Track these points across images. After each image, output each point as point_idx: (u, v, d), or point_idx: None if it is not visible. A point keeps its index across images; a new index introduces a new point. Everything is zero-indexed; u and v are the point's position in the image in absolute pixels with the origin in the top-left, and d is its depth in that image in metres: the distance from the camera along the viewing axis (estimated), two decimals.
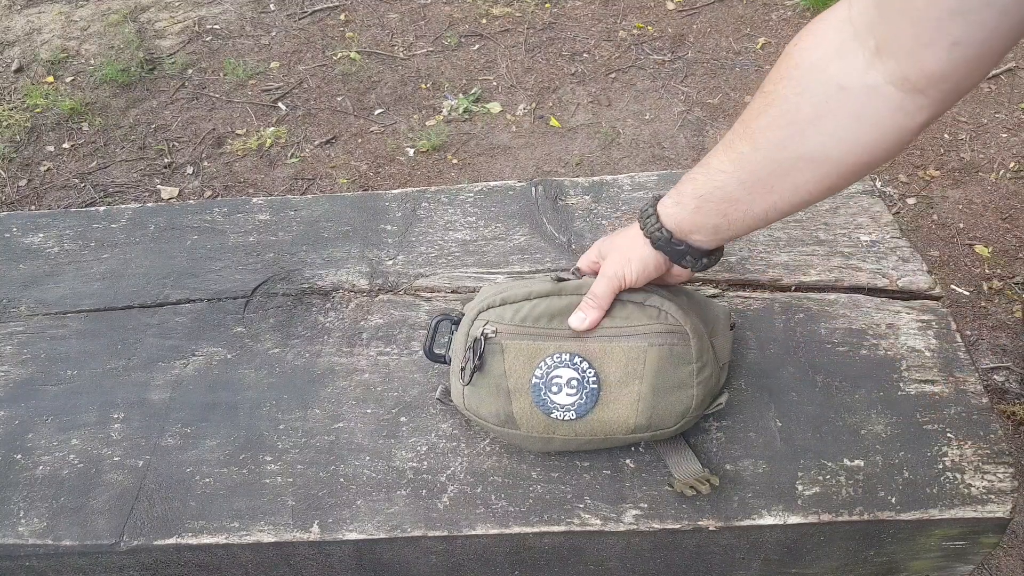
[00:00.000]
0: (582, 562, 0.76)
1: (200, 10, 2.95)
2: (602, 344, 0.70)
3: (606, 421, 0.71)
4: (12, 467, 0.79)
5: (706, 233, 0.67)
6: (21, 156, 2.39)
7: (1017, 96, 2.30)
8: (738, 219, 0.64)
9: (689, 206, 0.66)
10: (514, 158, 2.28)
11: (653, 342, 0.70)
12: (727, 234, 0.67)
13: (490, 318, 0.72)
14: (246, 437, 0.80)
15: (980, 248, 1.91)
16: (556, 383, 0.70)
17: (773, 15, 2.72)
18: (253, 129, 2.43)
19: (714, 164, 0.63)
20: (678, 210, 0.67)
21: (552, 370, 0.70)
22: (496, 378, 0.71)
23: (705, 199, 0.64)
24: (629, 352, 0.70)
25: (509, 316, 0.71)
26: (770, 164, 0.59)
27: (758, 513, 0.72)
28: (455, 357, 0.74)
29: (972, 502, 0.71)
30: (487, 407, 0.72)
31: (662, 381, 0.70)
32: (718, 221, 0.65)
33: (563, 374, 0.70)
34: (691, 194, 0.66)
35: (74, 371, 0.87)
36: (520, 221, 0.99)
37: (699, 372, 0.71)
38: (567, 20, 2.77)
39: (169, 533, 0.73)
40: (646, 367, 0.70)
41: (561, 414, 0.70)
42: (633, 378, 0.70)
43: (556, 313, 0.71)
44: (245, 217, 1.03)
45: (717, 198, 0.63)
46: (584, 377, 0.70)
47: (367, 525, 0.73)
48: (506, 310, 0.72)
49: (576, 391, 0.70)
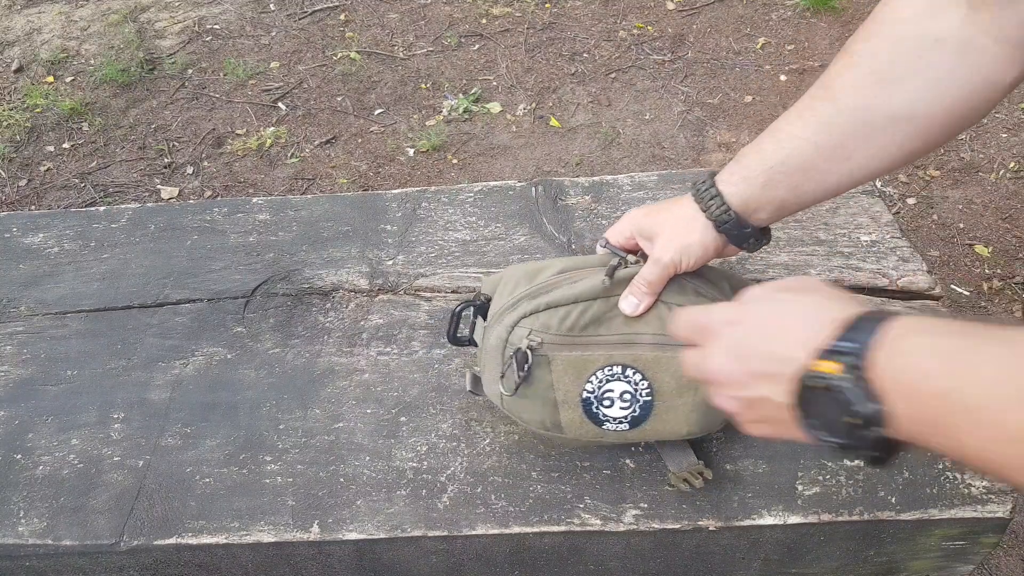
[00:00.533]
0: (582, 562, 0.76)
1: (200, 10, 2.95)
2: (655, 353, 0.66)
3: (659, 430, 0.69)
4: (12, 467, 0.79)
5: (770, 211, 0.62)
6: (21, 156, 2.39)
7: (1017, 96, 2.30)
8: (808, 192, 0.59)
9: (757, 181, 0.60)
10: (514, 158, 2.28)
11: None
12: (790, 210, 0.62)
13: (534, 327, 0.66)
14: (246, 437, 0.80)
15: (980, 248, 1.91)
16: (608, 397, 0.67)
17: (773, 15, 2.72)
18: (253, 129, 2.43)
19: (786, 130, 0.59)
20: (745, 187, 0.61)
21: (604, 384, 0.67)
22: (542, 390, 0.68)
23: (775, 171, 0.59)
24: None
25: (555, 325, 0.66)
26: (853, 126, 0.55)
27: (758, 513, 0.72)
28: (487, 357, 0.69)
29: (972, 502, 0.71)
30: (531, 414, 0.70)
31: None
32: (785, 196, 0.60)
33: (615, 388, 0.67)
34: (759, 167, 0.60)
35: (74, 371, 0.87)
36: (520, 221, 0.99)
37: None
38: (567, 20, 2.77)
39: (169, 533, 0.73)
40: None
41: (613, 426, 0.68)
42: (688, 389, 0.66)
43: (605, 319, 0.67)
44: (245, 217, 1.03)
45: (790, 168, 0.58)
46: (637, 390, 0.67)
47: (367, 525, 0.73)
48: (552, 317, 0.66)
49: (629, 404, 0.67)
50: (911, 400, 0.39)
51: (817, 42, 2.58)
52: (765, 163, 0.60)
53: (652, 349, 0.66)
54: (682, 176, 1.04)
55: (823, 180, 0.58)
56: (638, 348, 0.66)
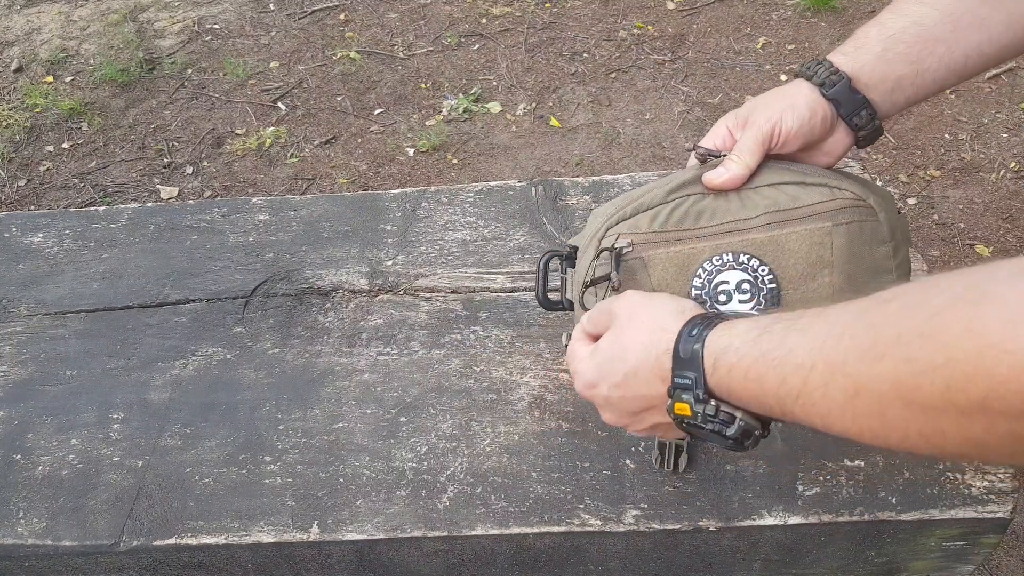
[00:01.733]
0: (582, 563, 0.76)
1: (200, 10, 2.95)
2: (769, 233, 0.56)
3: None
4: (11, 467, 0.79)
5: (885, 89, 0.55)
6: (21, 156, 2.39)
7: (1017, 96, 2.30)
8: (930, 68, 0.53)
9: (873, 49, 0.54)
10: (514, 158, 2.27)
11: (837, 220, 0.56)
12: (908, 93, 0.55)
13: (621, 231, 0.59)
14: (246, 437, 0.80)
15: (981, 248, 1.91)
16: (723, 291, 0.58)
17: (773, 15, 2.72)
18: (253, 129, 2.43)
19: (910, 2, 0.53)
20: (859, 55, 0.55)
21: (715, 276, 0.57)
22: None
23: (895, 39, 0.53)
24: (809, 237, 0.56)
25: (645, 224, 0.58)
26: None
27: (758, 513, 0.72)
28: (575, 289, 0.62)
29: (972, 502, 0.71)
30: None
31: (857, 267, 0.57)
32: (904, 70, 0.54)
33: (730, 278, 0.57)
34: (876, 36, 0.54)
35: (73, 371, 0.87)
36: (520, 221, 0.99)
37: (896, 253, 0.58)
38: (567, 20, 2.77)
39: (169, 533, 0.73)
40: (834, 252, 0.56)
41: None
42: (821, 268, 0.56)
43: (703, 211, 0.58)
44: (245, 217, 1.03)
45: (911, 36, 0.53)
46: (757, 277, 0.57)
47: (367, 525, 0.73)
48: (641, 219, 0.59)
49: (750, 295, 0.57)
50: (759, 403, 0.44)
51: (817, 42, 2.58)
52: (883, 32, 0.54)
53: (765, 230, 0.57)
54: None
55: (948, 55, 0.52)
56: (748, 233, 0.57)
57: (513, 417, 0.79)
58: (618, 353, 0.51)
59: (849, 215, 0.57)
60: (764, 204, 0.57)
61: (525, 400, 0.80)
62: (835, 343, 0.39)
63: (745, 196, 0.58)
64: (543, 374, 0.82)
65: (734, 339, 0.44)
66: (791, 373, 0.41)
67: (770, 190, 0.58)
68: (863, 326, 0.38)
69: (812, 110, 0.57)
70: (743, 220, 0.58)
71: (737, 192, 0.58)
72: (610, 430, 0.77)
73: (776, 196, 0.57)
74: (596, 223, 0.62)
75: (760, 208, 0.57)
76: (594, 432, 0.77)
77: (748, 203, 0.58)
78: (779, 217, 0.57)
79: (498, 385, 0.82)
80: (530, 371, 0.83)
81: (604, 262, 0.60)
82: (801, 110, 0.57)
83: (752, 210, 0.58)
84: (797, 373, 0.40)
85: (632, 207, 0.59)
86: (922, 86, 0.55)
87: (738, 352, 0.44)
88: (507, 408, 0.80)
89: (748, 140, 0.57)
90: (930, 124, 2.24)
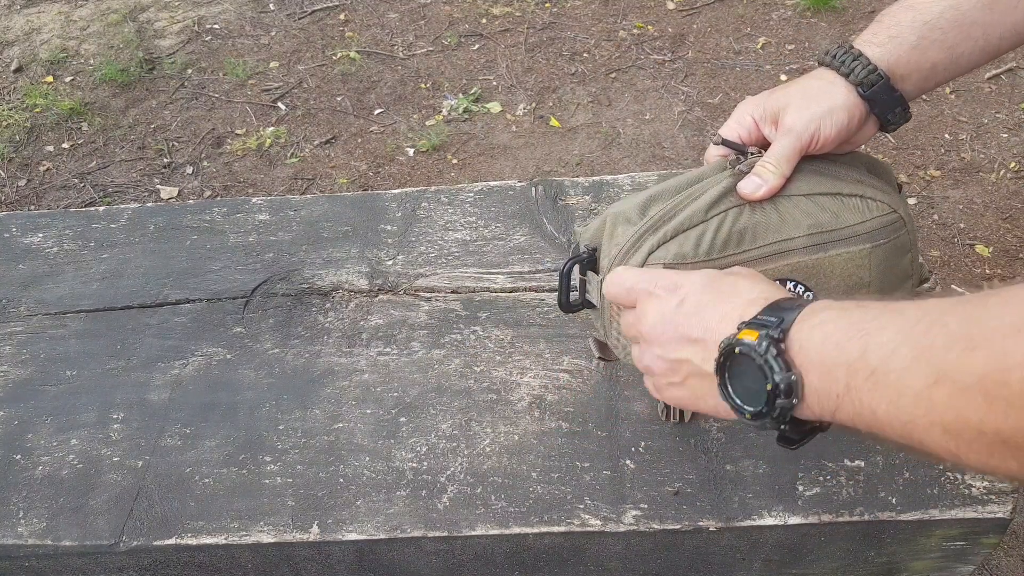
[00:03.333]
0: (582, 563, 0.76)
1: (200, 10, 2.95)
2: (813, 256, 0.56)
3: None
4: (11, 467, 0.79)
5: (919, 78, 0.54)
6: (20, 156, 2.39)
7: (1017, 96, 2.30)
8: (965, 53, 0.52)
9: (909, 40, 0.52)
10: (514, 158, 2.27)
11: (876, 241, 0.56)
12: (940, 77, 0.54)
13: (666, 259, 0.57)
14: (246, 437, 0.80)
15: (981, 248, 1.91)
16: None
17: (773, 15, 2.72)
18: (253, 129, 2.43)
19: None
20: (893, 47, 0.53)
21: None
22: None
23: (931, 27, 0.52)
24: (851, 260, 0.56)
25: (690, 251, 0.56)
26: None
27: (758, 514, 0.72)
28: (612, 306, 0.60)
29: (973, 502, 0.71)
30: None
31: (888, 281, 0.58)
32: (939, 58, 0.52)
33: None
34: (910, 23, 0.53)
35: (73, 371, 0.87)
36: (520, 221, 0.99)
37: (915, 257, 0.60)
38: (567, 20, 2.77)
39: (169, 533, 0.73)
40: (872, 272, 0.57)
41: None
42: (859, 288, 0.57)
43: (748, 231, 0.56)
44: (245, 217, 1.03)
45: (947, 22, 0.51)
46: None
47: (367, 526, 0.73)
48: (685, 243, 0.56)
49: None
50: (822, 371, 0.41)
51: (818, 42, 2.58)
52: (918, 19, 0.52)
53: (809, 252, 0.56)
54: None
55: (984, 36, 0.51)
56: (793, 256, 0.56)
57: (513, 417, 0.79)
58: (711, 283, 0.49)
59: (886, 234, 0.57)
60: (807, 223, 0.56)
61: (525, 400, 0.80)
62: (926, 328, 0.37)
63: (782, 207, 0.57)
64: (543, 374, 0.82)
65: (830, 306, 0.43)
66: (874, 348, 0.39)
67: (808, 203, 0.57)
68: (959, 317, 0.36)
69: (850, 114, 0.56)
70: (786, 240, 0.57)
71: (772, 201, 0.57)
72: (610, 430, 0.77)
73: (817, 213, 0.57)
74: (622, 231, 0.59)
75: (803, 228, 0.57)
76: (594, 432, 0.77)
77: (787, 217, 0.57)
78: (822, 239, 0.56)
79: (498, 385, 0.82)
80: (530, 371, 0.83)
81: None
82: (839, 115, 0.55)
83: (794, 228, 0.57)
84: (880, 349, 0.39)
85: (671, 226, 0.57)
86: (955, 70, 0.54)
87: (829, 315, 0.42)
88: (507, 408, 0.80)
89: (785, 148, 0.56)
90: (930, 124, 2.24)
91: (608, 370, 0.82)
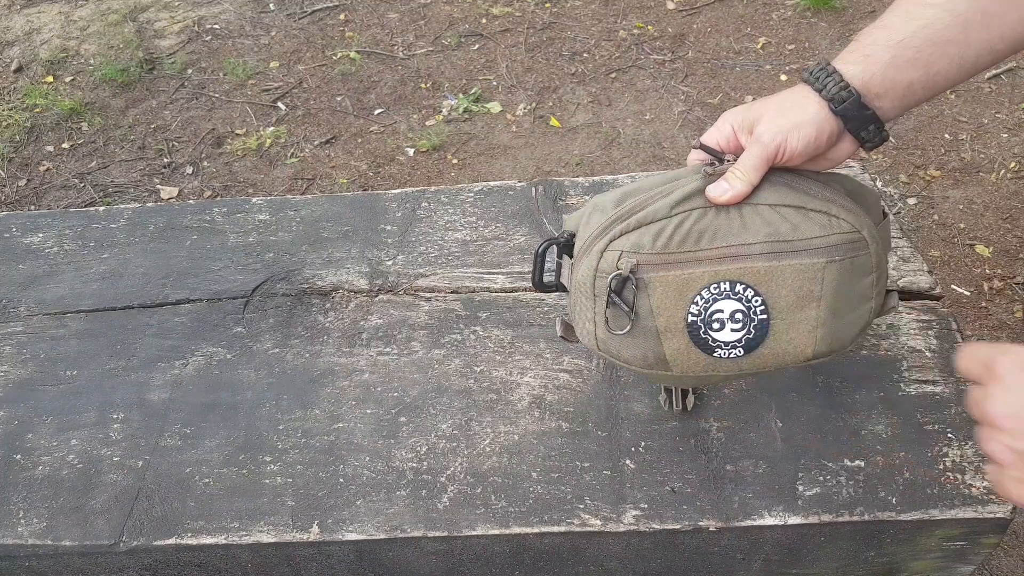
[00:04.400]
0: (582, 563, 0.76)
1: (200, 10, 2.95)
2: (768, 264, 0.58)
3: (779, 353, 0.61)
4: (12, 467, 0.79)
5: (895, 96, 0.55)
6: (21, 156, 2.39)
7: (1017, 96, 2.30)
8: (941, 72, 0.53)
9: (883, 58, 0.53)
10: (514, 158, 2.27)
11: (832, 257, 0.58)
12: (919, 96, 0.55)
13: (624, 248, 0.59)
14: (246, 437, 0.80)
15: (981, 248, 1.91)
16: (717, 319, 0.59)
17: (773, 15, 2.72)
18: (253, 129, 2.43)
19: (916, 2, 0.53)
20: (868, 64, 0.54)
21: (711, 303, 0.59)
22: (641, 319, 0.60)
23: (904, 45, 0.53)
24: (803, 272, 0.58)
25: (648, 243, 0.58)
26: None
27: (758, 514, 0.72)
28: (578, 294, 0.63)
29: (973, 502, 0.71)
30: (631, 350, 0.62)
31: (842, 300, 0.59)
32: (915, 76, 0.53)
33: (725, 307, 0.59)
34: (884, 42, 0.54)
35: (73, 371, 0.87)
36: (520, 221, 0.99)
37: (878, 281, 0.61)
38: (567, 20, 2.77)
39: (169, 533, 0.73)
40: (824, 287, 0.58)
41: (725, 352, 0.60)
42: (809, 301, 0.59)
43: (707, 231, 0.58)
44: (245, 217, 1.03)
45: (921, 41, 0.52)
46: (750, 307, 0.59)
47: (367, 525, 0.73)
48: (644, 235, 0.59)
49: (742, 325, 0.59)
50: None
51: (817, 42, 2.58)
52: (892, 38, 0.53)
53: (764, 259, 0.58)
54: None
55: (960, 55, 0.52)
56: (747, 260, 0.58)
57: (513, 417, 0.79)
58: None
59: (843, 251, 0.58)
60: (765, 231, 0.58)
61: (525, 400, 0.80)
62: None
63: (746, 214, 0.59)
64: (543, 374, 0.82)
65: None
66: None
67: (771, 212, 0.59)
68: None
69: (819, 129, 0.57)
70: (743, 245, 0.58)
71: (738, 207, 0.59)
72: (610, 430, 0.77)
73: (777, 222, 0.58)
74: (596, 219, 0.62)
75: (760, 234, 0.58)
76: (594, 432, 0.77)
77: (749, 224, 0.59)
78: (778, 248, 0.58)
79: (498, 385, 0.82)
80: (530, 371, 0.83)
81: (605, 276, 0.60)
82: (807, 129, 0.56)
83: (752, 234, 0.58)
84: None
85: (636, 218, 0.59)
86: (933, 88, 0.55)
87: None
88: (507, 408, 0.80)
89: (752, 158, 0.57)
90: (930, 124, 2.24)
91: (608, 370, 0.82)
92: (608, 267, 0.60)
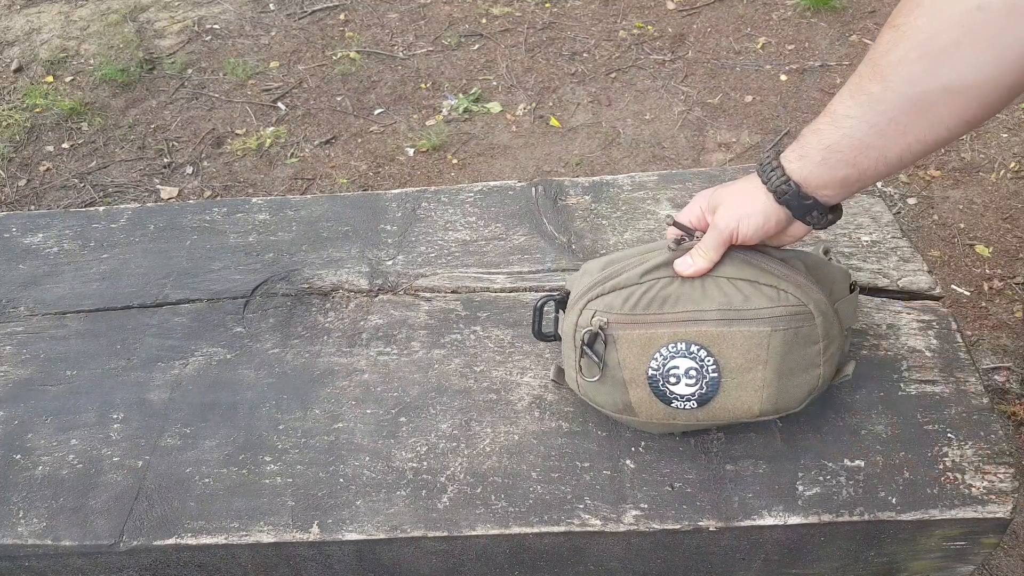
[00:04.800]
0: (582, 562, 0.76)
1: (200, 10, 2.95)
2: (720, 329, 0.67)
3: (729, 408, 0.69)
4: (12, 467, 0.79)
5: (834, 187, 0.63)
6: (20, 156, 2.39)
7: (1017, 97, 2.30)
8: (870, 167, 0.60)
9: (815, 158, 0.61)
10: (514, 158, 2.27)
11: (776, 326, 0.66)
12: (857, 185, 0.62)
13: (598, 308, 0.69)
14: (246, 437, 0.80)
15: (981, 248, 1.91)
16: (674, 374, 0.68)
17: (773, 15, 2.72)
18: (253, 129, 2.43)
19: (840, 111, 0.59)
20: (803, 164, 0.62)
21: (669, 360, 0.68)
22: (611, 369, 0.70)
23: (832, 149, 0.60)
24: (751, 338, 0.66)
25: (619, 304, 0.68)
26: (904, 102, 0.56)
27: (758, 513, 0.72)
28: (564, 345, 0.73)
29: (973, 502, 0.71)
30: (603, 396, 0.72)
31: (788, 364, 0.67)
32: (847, 172, 0.61)
33: (680, 364, 0.68)
34: (816, 145, 0.61)
35: (73, 371, 0.87)
36: (520, 221, 0.99)
37: (825, 350, 0.68)
38: (567, 20, 2.77)
39: (169, 533, 0.73)
40: (770, 352, 0.67)
41: (681, 404, 0.69)
42: (756, 364, 0.67)
43: (670, 298, 0.68)
44: (245, 217, 1.03)
45: (846, 146, 0.59)
46: (703, 366, 0.67)
47: (367, 525, 0.73)
48: (616, 297, 0.69)
49: (695, 381, 0.68)
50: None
51: (817, 42, 2.58)
52: (821, 143, 0.61)
53: (716, 325, 0.67)
54: (682, 176, 1.04)
55: (882, 156, 0.59)
56: (703, 324, 0.67)
57: (513, 417, 0.79)
58: None
59: (787, 322, 0.66)
60: (720, 299, 0.67)
61: (525, 400, 0.80)
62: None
63: (706, 284, 0.68)
64: (543, 374, 0.82)
65: None
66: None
67: (728, 284, 0.67)
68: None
69: (767, 216, 0.65)
70: (700, 311, 0.67)
71: (701, 279, 0.68)
72: (610, 430, 0.77)
73: (732, 293, 0.67)
74: (584, 281, 0.71)
75: (716, 303, 0.67)
76: (594, 432, 0.77)
77: (708, 293, 0.68)
78: (730, 316, 0.66)
79: (498, 385, 0.82)
80: (530, 371, 0.83)
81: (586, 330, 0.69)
82: (756, 218, 0.65)
83: (710, 302, 0.67)
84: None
85: (611, 283, 0.69)
86: (866, 179, 0.61)
87: None
88: (507, 408, 0.80)
89: (712, 240, 0.67)
90: None
91: None
92: (585, 323, 0.69)
